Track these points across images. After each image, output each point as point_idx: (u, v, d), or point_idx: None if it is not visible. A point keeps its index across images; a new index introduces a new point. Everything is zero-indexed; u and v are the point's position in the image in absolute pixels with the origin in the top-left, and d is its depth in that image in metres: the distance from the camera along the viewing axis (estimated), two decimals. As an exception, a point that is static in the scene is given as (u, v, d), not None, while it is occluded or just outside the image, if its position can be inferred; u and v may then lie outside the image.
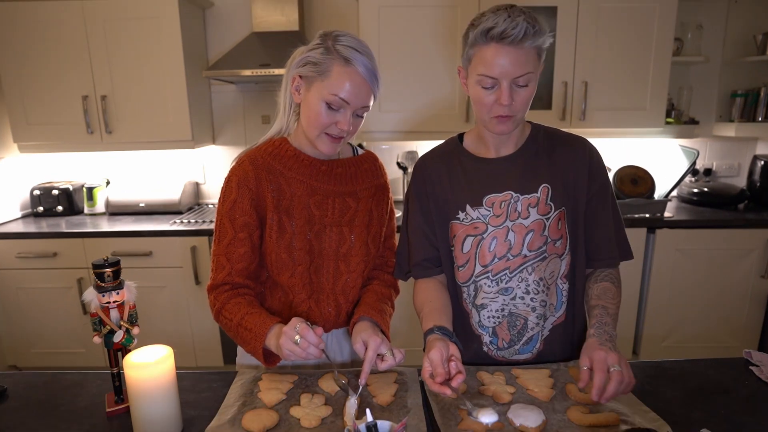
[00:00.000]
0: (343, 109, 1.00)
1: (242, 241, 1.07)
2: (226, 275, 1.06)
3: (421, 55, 2.49)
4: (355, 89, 0.99)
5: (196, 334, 2.57)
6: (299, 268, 1.10)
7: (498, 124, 1.00)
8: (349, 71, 0.98)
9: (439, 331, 0.97)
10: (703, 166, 2.97)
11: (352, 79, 0.98)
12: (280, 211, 1.09)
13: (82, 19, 2.44)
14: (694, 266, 2.45)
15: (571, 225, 1.08)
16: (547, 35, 0.95)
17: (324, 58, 0.99)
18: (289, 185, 1.09)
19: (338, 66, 0.98)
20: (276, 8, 2.60)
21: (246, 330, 1.00)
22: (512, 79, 0.94)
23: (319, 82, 1.00)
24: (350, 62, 0.98)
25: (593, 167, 1.08)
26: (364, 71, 0.99)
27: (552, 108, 2.54)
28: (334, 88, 0.98)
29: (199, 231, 2.43)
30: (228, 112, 2.93)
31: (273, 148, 1.10)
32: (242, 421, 0.88)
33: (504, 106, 0.96)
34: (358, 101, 1.00)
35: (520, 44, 0.91)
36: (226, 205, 1.08)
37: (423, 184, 1.14)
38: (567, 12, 2.42)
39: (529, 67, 0.93)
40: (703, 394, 0.97)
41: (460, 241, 1.09)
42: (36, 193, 2.76)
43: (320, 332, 0.93)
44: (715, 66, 2.83)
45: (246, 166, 1.08)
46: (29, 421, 0.93)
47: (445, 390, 0.85)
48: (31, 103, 2.56)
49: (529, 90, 0.97)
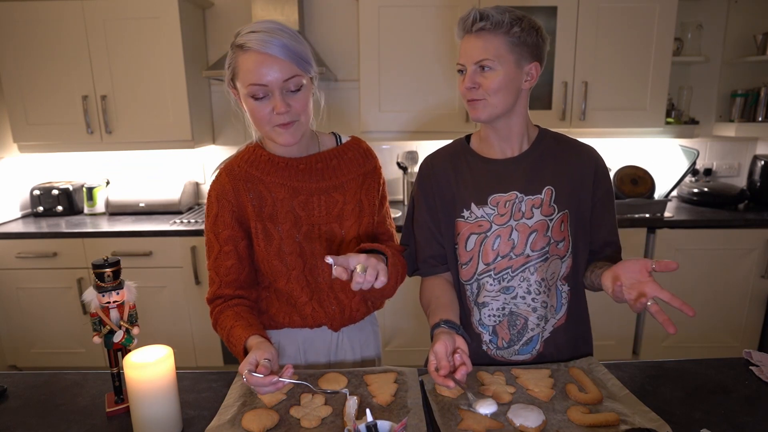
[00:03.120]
0: (268, 94, 0.97)
1: (228, 254, 1.07)
2: (216, 289, 1.08)
3: (421, 55, 2.49)
4: (263, 68, 0.94)
5: (196, 334, 2.57)
6: (294, 273, 1.10)
7: (472, 110, 1.04)
8: (250, 55, 0.95)
9: (445, 324, 0.97)
10: (703, 166, 2.97)
11: (255, 60, 0.95)
12: (263, 218, 1.08)
13: (82, 19, 2.44)
14: (694, 266, 2.45)
15: (574, 228, 1.09)
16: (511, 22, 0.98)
17: (231, 57, 0.99)
18: (270, 191, 1.08)
19: (240, 56, 0.97)
20: (276, 8, 2.60)
21: (232, 345, 1.01)
22: (473, 64, 1.00)
23: (238, 81, 0.99)
24: (245, 46, 0.95)
25: (599, 174, 1.10)
26: (267, 47, 0.94)
27: (552, 108, 2.54)
28: (246, 78, 0.96)
29: (199, 231, 2.43)
30: (228, 112, 2.90)
31: (249, 155, 1.09)
32: (242, 421, 0.88)
33: (469, 89, 1.02)
34: (276, 78, 0.95)
35: (478, 31, 0.99)
36: (210, 219, 1.08)
37: (429, 182, 1.15)
38: (567, 12, 2.42)
39: (488, 52, 0.99)
40: (703, 394, 0.97)
41: (464, 239, 1.10)
42: (36, 193, 2.76)
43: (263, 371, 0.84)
44: (715, 66, 2.83)
45: (223, 179, 1.08)
46: (29, 421, 0.93)
47: (448, 382, 0.85)
48: (31, 103, 2.56)
49: (494, 74, 1.00)
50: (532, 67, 1.03)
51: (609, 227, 1.12)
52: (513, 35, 0.98)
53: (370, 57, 2.49)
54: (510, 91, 1.02)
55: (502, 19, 0.98)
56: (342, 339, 1.19)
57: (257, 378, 0.84)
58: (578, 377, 1.00)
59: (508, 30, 0.98)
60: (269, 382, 0.84)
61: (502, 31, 0.98)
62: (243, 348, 0.97)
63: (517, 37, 0.99)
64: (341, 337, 1.19)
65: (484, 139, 1.13)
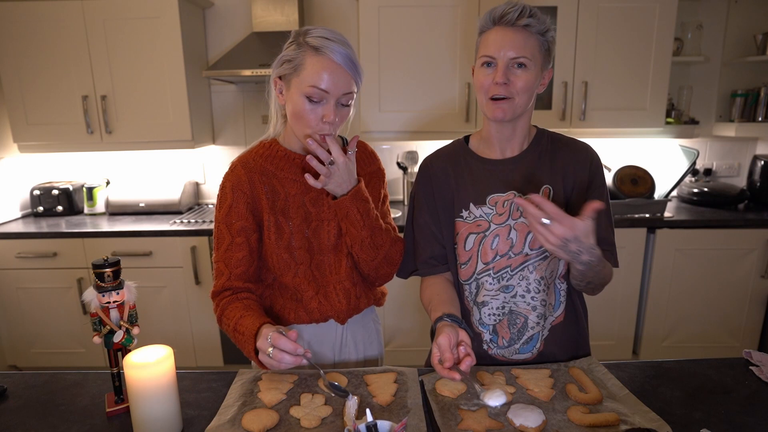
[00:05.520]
0: (324, 100, 1.00)
1: (240, 246, 1.08)
2: (225, 281, 1.08)
3: (422, 55, 2.48)
4: (330, 76, 0.98)
5: (196, 334, 2.57)
6: (301, 267, 1.12)
7: (495, 108, 1.01)
8: (322, 59, 0.98)
9: (448, 318, 0.97)
10: (703, 166, 2.97)
11: (325, 66, 0.98)
12: (276, 212, 1.10)
13: (82, 19, 2.44)
14: (694, 266, 2.45)
15: None
16: (549, 26, 0.99)
17: (296, 53, 1.00)
18: (283, 186, 1.10)
19: (310, 56, 0.98)
20: (276, 8, 2.60)
21: (240, 334, 1.00)
22: (509, 59, 0.98)
23: (296, 78, 1.00)
24: (321, 50, 0.98)
25: (592, 169, 1.09)
26: (338, 57, 0.98)
27: (552, 108, 2.54)
28: (310, 79, 0.98)
29: (199, 231, 2.43)
30: (228, 112, 2.93)
31: (264, 150, 1.12)
32: (242, 421, 0.88)
33: (499, 84, 0.98)
34: (337, 88, 0.99)
35: (517, 25, 0.97)
36: (223, 211, 1.09)
37: (429, 182, 1.16)
38: (567, 12, 2.42)
39: (526, 50, 0.97)
40: (703, 394, 0.97)
41: (463, 239, 1.11)
42: (36, 193, 2.76)
43: (294, 336, 0.90)
44: (715, 66, 2.83)
45: (239, 171, 1.09)
46: (29, 421, 0.93)
47: (453, 375, 0.85)
48: (31, 103, 2.56)
49: (528, 74, 0.99)
50: (547, 73, 1.05)
51: (600, 222, 1.09)
52: (547, 39, 1.00)
53: (370, 57, 2.49)
54: (532, 93, 1.02)
55: (544, 20, 0.98)
56: (347, 336, 1.20)
57: (285, 340, 0.87)
58: (578, 377, 1.00)
59: (545, 33, 0.99)
60: (294, 348, 0.87)
61: (541, 32, 0.98)
62: (254, 336, 0.96)
63: (548, 42, 1.00)
64: (346, 334, 1.20)
65: (485, 139, 1.13)
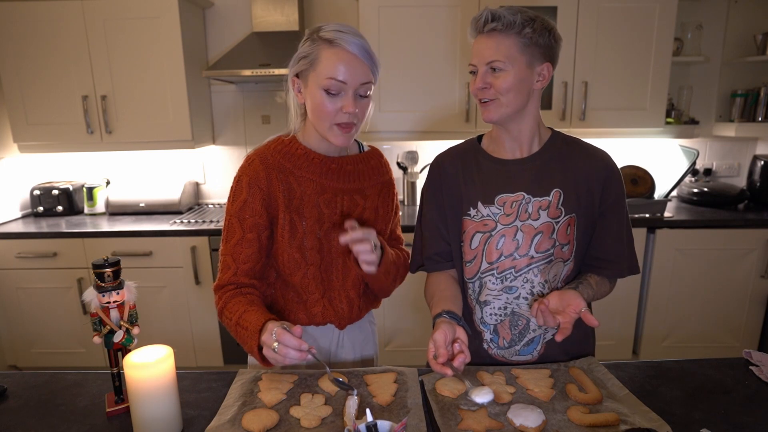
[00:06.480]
0: (342, 92, 1.00)
1: (250, 242, 1.07)
2: (231, 275, 1.06)
3: (422, 56, 2.48)
4: (347, 67, 0.98)
5: (196, 334, 2.57)
6: (311, 268, 1.11)
7: (484, 111, 1.05)
8: (337, 51, 0.98)
9: (447, 314, 0.98)
10: (703, 166, 2.97)
11: (341, 57, 0.98)
12: (291, 210, 1.08)
13: (82, 19, 2.44)
14: (694, 266, 2.45)
15: (580, 233, 1.08)
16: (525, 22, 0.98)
17: (311, 48, 1.00)
18: (299, 184, 1.09)
19: (325, 49, 0.99)
20: (276, 8, 2.60)
21: (243, 328, 0.98)
22: (485, 65, 1.01)
23: (313, 72, 1.00)
24: (335, 42, 0.98)
25: (610, 180, 1.08)
26: (353, 47, 0.99)
27: (552, 108, 2.54)
28: (326, 71, 0.98)
29: (199, 231, 2.43)
30: (228, 112, 2.93)
31: (282, 147, 1.10)
32: (242, 421, 0.88)
33: (479, 89, 1.03)
34: (355, 79, 0.99)
35: (485, 31, 1.00)
36: (236, 204, 1.07)
37: (439, 180, 1.16)
38: (567, 12, 2.42)
39: (499, 54, 0.99)
40: (703, 394, 0.97)
41: (469, 237, 1.11)
42: (36, 193, 2.76)
43: (299, 332, 0.89)
44: (715, 66, 2.83)
45: (257, 165, 1.07)
46: (29, 421, 0.93)
47: (446, 370, 0.86)
48: (31, 103, 2.56)
49: (506, 75, 1.00)
50: (544, 68, 1.03)
51: (615, 236, 1.08)
52: (524, 36, 0.98)
53: (370, 57, 2.49)
54: (521, 91, 1.02)
55: (514, 20, 0.98)
56: (343, 339, 1.20)
57: (290, 336, 0.86)
58: (578, 377, 1.00)
59: (520, 31, 0.98)
60: (299, 344, 0.87)
61: (514, 31, 0.98)
62: (258, 332, 0.94)
63: (528, 38, 0.99)
64: (343, 337, 1.20)
65: (495, 139, 1.13)
